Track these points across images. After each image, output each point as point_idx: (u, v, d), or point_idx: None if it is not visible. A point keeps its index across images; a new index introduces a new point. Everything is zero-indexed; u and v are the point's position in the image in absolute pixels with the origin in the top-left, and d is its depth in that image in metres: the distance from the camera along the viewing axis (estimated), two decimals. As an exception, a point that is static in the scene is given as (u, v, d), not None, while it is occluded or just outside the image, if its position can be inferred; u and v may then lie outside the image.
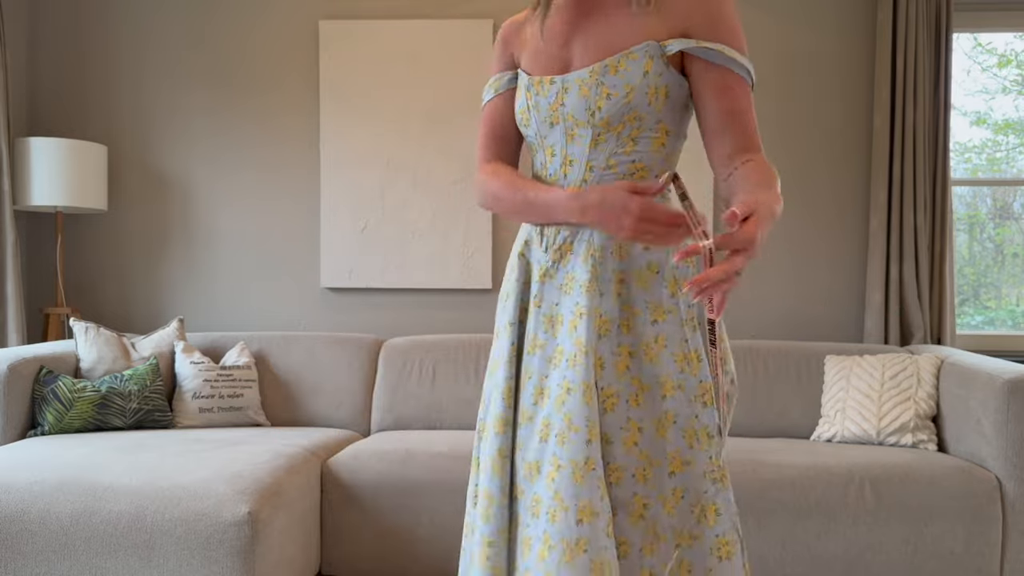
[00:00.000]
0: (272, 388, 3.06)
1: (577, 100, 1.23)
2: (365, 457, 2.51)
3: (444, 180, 3.34)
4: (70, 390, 2.65)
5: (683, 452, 1.18)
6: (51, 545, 2.04)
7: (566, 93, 1.24)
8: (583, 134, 1.25)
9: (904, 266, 3.13)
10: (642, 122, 1.22)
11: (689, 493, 1.18)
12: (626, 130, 1.22)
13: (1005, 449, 2.32)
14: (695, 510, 1.18)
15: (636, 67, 1.19)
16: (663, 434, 1.19)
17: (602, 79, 1.20)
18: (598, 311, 1.21)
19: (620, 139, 1.22)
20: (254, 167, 3.44)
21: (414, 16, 3.36)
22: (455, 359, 3.04)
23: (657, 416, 1.19)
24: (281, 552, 2.15)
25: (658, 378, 1.20)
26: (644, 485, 1.18)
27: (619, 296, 1.23)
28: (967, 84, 3.45)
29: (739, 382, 2.93)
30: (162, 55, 3.44)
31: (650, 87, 1.19)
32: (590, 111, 1.22)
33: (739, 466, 2.38)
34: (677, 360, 1.20)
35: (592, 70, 1.21)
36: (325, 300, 3.44)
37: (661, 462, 1.19)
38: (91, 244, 3.47)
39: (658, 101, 1.21)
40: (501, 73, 1.39)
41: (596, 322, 1.21)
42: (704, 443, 1.18)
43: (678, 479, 1.18)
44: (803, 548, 2.32)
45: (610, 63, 1.20)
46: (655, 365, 1.20)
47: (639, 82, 1.19)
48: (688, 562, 1.18)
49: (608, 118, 1.21)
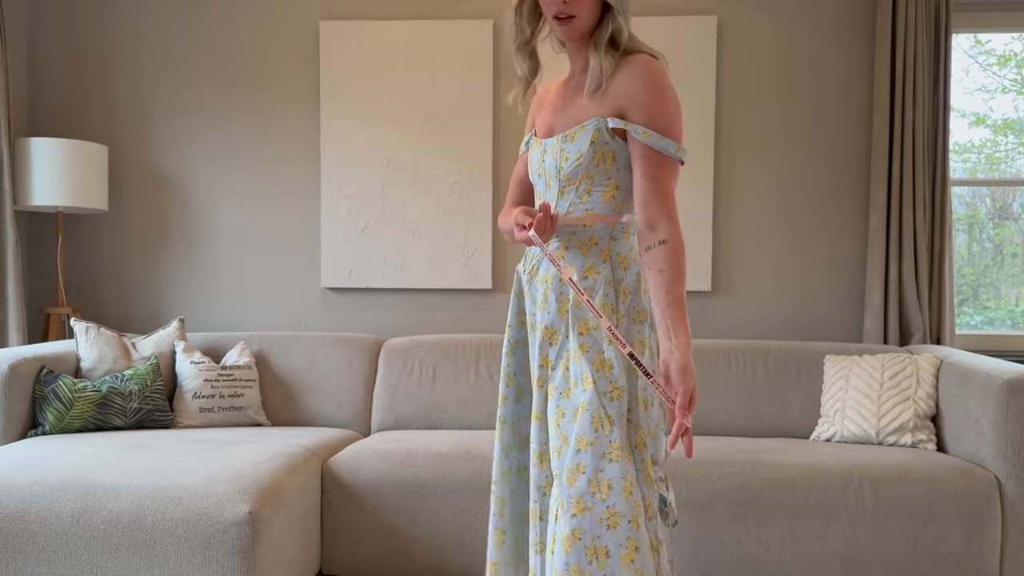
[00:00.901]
0: (272, 388, 3.06)
1: (550, 160, 1.58)
2: (365, 457, 2.51)
3: (444, 180, 3.35)
4: (71, 390, 2.66)
5: (588, 434, 1.46)
6: (52, 545, 2.04)
7: (545, 153, 1.60)
8: (553, 185, 1.60)
9: (903, 266, 3.14)
10: (593, 180, 1.54)
11: (589, 468, 1.45)
12: (582, 185, 1.55)
13: (1004, 449, 2.33)
14: (591, 483, 1.44)
15: (585, 136, 1.52)
16: (577, 419, 1.49)
17: (563, 145, 1.55)
18: (544, 324, 1.58)
19: (578, 191, 1.56)
20: (255, 167, 3.44)
21: (414, 16, 3.37)
22: (455, 359, 3.04)
23: (575, 405, 1.50)
24: (281, 552, 2.15)
25: (581, 375, 1.50)
26: (558, 460, 1.50)
27: (563, 313, 1.56)
28: (966, 83, 3.45)
29: (739, 381, 2.94)
30: (163, 56, 3.44)
31: (597, 152, 1.52)
32: (557, 169, 1.57)
33: (738, 466, 2.39)
34: (595, 364, 1.50)
35: (560, 137, 1.56)
36: (325, 300, 3.45)
37: (570, 441, 1.48)
38: (92, 244, 3.48)
39: (606, 163, 1.53)
40: (528, 134, 1.76)
41: (545, 333, 1.57)
42: (607, 428, 1.45)
43: (582, 456, 1.46)
44: (802, 548, 2.33)
45: (569, 133, 1.55)
46: (579, 366, 1.51)
47: (587, 148, 1.52)
48: (579, 531, 1.43)
49: (568, 175, 1.56)
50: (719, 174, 3.30)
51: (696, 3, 3.29)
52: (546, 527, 1.56)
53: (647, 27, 3.26)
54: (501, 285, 3.36)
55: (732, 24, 3.29)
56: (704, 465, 2.39)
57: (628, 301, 1.54)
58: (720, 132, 3.30)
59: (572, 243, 1.56)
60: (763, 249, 3.32)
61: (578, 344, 1.51)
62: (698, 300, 3.31)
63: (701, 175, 3.27)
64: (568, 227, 1.56)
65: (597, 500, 1.43)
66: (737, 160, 3.31)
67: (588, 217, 1.55)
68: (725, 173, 3.31)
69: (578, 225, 1.56)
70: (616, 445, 1.44)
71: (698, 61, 3.25)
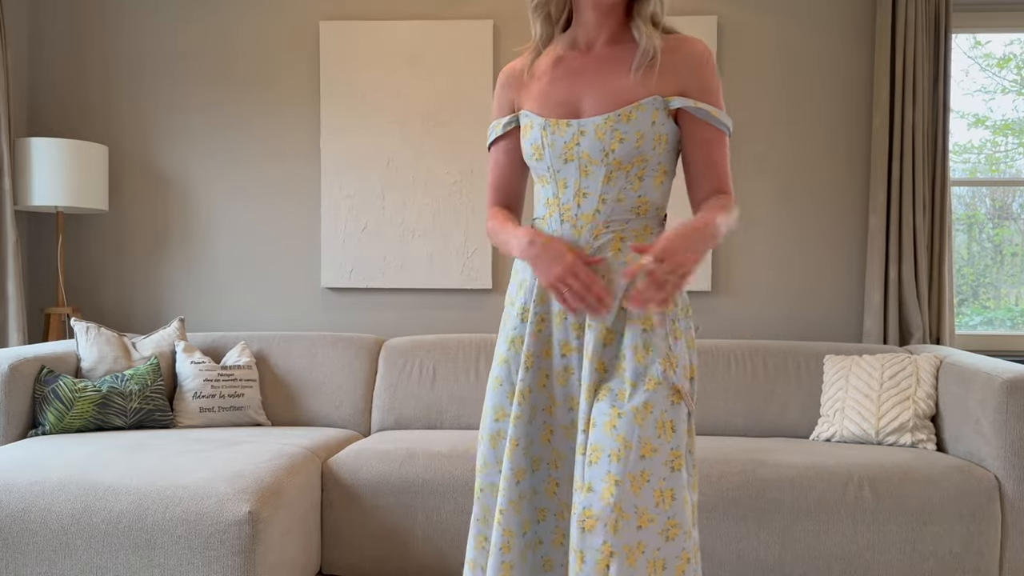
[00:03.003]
0: (273, 388, 3.07)
1: (593, 142, 1.44)
2: (365, 457, 2.51)
3: (444, 180, 3.35)
4: (71, 390, 2.66)
5: (653, 439, 1.36)
6: (52, 544, 2.05)
7: (582, 135, 1.45)
8: (596, 171, 1.45)
9: (903, 266, 3.14)
10: (647, 163, 1.45)
11: (653, 477, 1.36)
12: (634, 169, 1.44)
13: (1004, 449, 2.33)
14: (655, 493, 1.35)
15: (645, 117, 1.42)
16: (639, 421, 1.38)
17: (616, 126, 1.42)
18: (605, 326, 1.44)
19: (629, 177, 1.45)
20: (255, 167, 3.44)
21: (414, 16, 3.37)
22: (455, 359, 3.04)
23: (635, 405, 1.39)
24: (281, 551, 2.16)
25: (641, 374, 1.41)
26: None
27: (619, 312, 1.45)
28: (966, 84, 3.46)
29: (739, 381, 2.94)
30: (163, 56, 3.44)
31: (656, 134, 1.43)
32: (604, 152, 1.43)
33: (738, 466, 2.39)
34: (662, 362, 1.42)
35: (607, 118, 1.43)
36: (325, 300, 3.45)
37: (632, 444, 1.37)
38: (92, 244, 3.48)
39: (660, 146, 1.44)
40: (501, 118, 1.60)
41: (602, 335, 1.44)
42: (669, 434, 1.37)
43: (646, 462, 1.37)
44: (802, 548, 2.33)
45: (623, 112, 1.42)
46: (639, 365, 1.41)
47: (648, 129, 1.42)
48: (644, 543, 1.34)
49: (620, 159, 1.43)
50: (719, 174, 3.30)
51: (696, 3, 3.30)
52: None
53: (647, 27, 3.27)
54: (501, 285, 3.36)
55: (732, 24, 3.29)
56: (704, 465, 2.39)
57: (681, 293, 1.46)
58: (720, 132, 3.30)
59: (627, 232, 1.45)
60: (763, 249, 3.32)
61: (642, 342, 1.40)
62: (698, 300, 3.32)
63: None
64: (621, 217, 1.45)
65: (660, 511, 1.35)
66: (736, 160, 3.30)
67: (642, 205, 1.47)
68: (725, 173, 3.31)
69: (631, 214, 1.46)
70: (678, 453, 1.38)
71: (698, 61, 3.25)
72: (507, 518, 1.48)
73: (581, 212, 1.46)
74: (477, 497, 1.56)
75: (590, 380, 1.42)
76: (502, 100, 1.60)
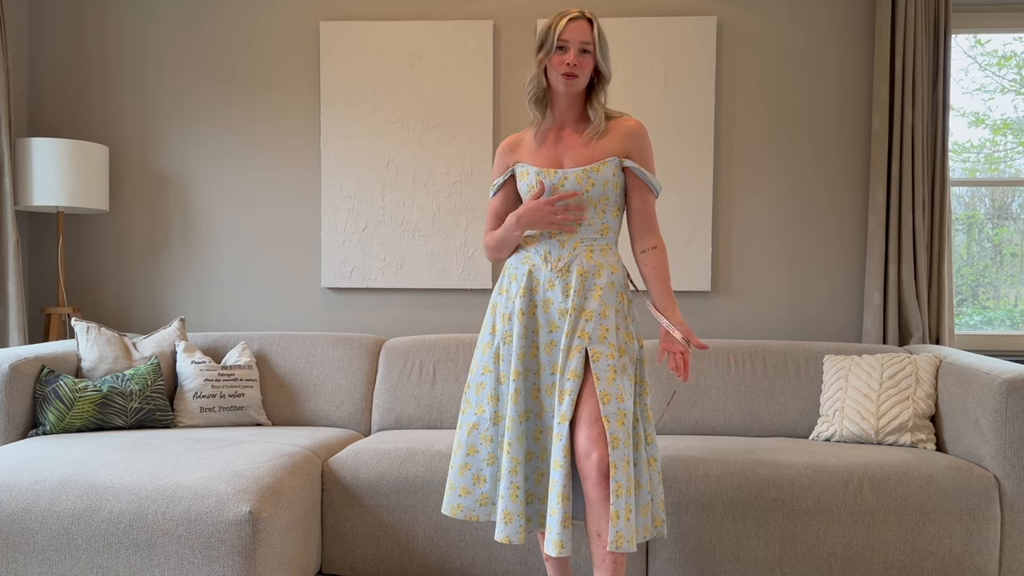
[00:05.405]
0: (273, 387, 3.07)
1: (574, 184, 2.04)
2: (365, 457, 2.52)
3: (444, 180, 3.35)
4: (71, 390, 2.66)
5: (604, 375, 1.94)
6: (52, 544, 2.05)
7: (566, 179, 2.05)
8: None
9: (903, 266, 3.14)
10: (608, 201, 2.06)
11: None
12: (600, 204, 2.06)
13: (1003, 448, 2.33)
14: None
15: (608, 170, 2.04)
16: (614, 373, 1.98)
17: (589, 175, 2.04)
18: (582, 307, 2.01)
19: (596, 210, 2.06)
20: (255, 167, 3.45)
21: (414, 17, 3.37)
22: (455, 359, 3.05)
23: (614, 365, 1.97)
24: (282, 551, 2.16)
25: (613, 343, 2.00)
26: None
27: (597, 297, 2.03)
28: (965, 83, 3.46)
29: (739, 381, 2.94)
30: (163, 55, 3.45)
31: (615, 182, 2.06)
32: (581, 192, 2.04)
33: (738, 465, 2.39)
34: (619, 332, 2.03)
35: (584, 169, 2.04)
36: (325, 300, 3.45)
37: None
38: (92, 244, 3.48)
39: (616, 191, 2.07)
40: (500, 177, 2.19)
41: (582, 314, 2.00)
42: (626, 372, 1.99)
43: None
44: (802, 547, 2.33)
45: (593, 167, 2.04)
46: (616, 335, 2.01)
47: (610, 178, 2.05)
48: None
49: (592, 197, 2.05)
50: (718, 174, 3.31)
51: (696, 3, 3.30)
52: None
53: (647, 27, 3.27)
54: (501, 285, 3.36)
55: (732, 24, 3.29)
56: (704, 465, 2.40)
57: (630, 288, 2.15)
58: (719, 132, 3.30)
59: (594, 247, 2.06)
60: (762, 249, 3.32)
61: (613, 323, 2.01)
62: (698, 300, 3.32)
63: (700, 175, 3.28)
64: (590, 236, 2.06)
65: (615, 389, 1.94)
66: (736, 160, 3.32)
67: (605, 229, 2.08)
68: (724, 173, 3.31)
69: (597, 235, 2.07)
70: (626, 370, 2.00)
71: (698, 61, 3.26)
72: (515, 449, 1.96)
73: (560, 237, 2.06)
74: (468, 434, 2.06)
75: (565, 344, 1.97)
76: (501, 163, 2.18)
